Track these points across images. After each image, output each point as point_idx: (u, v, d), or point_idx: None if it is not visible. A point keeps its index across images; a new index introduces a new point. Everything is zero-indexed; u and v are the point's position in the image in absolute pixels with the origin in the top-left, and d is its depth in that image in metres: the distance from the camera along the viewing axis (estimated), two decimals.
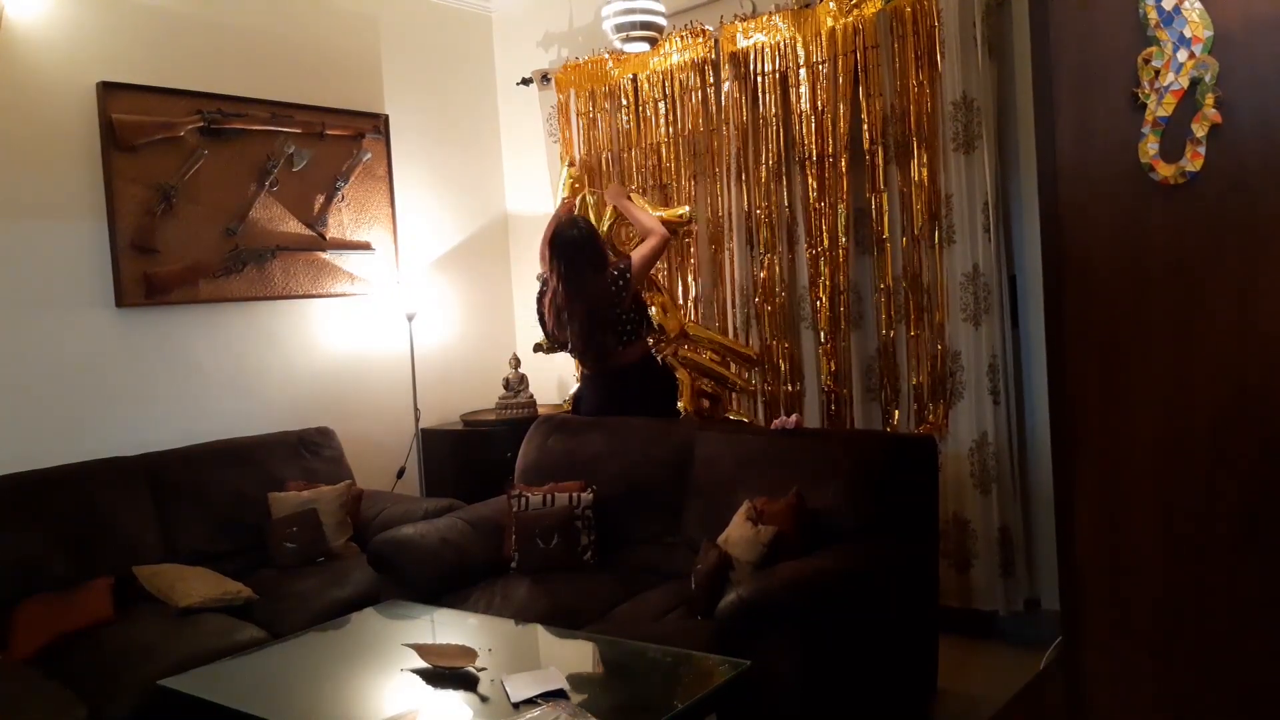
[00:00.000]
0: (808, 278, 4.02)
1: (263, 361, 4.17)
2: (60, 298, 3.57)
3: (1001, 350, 3.57)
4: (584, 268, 3.73)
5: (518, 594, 3.20)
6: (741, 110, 4.12)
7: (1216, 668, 1.93)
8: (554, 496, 3.50)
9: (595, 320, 3.74)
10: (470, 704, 2.32)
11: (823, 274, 3.97)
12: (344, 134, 4.39)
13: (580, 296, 3.73)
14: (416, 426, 4.68)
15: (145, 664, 2.74)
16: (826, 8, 3.85)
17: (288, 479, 3.83)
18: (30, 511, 3.22)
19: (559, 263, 3.76)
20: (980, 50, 3.50)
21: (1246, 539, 1.87)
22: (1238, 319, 1.85)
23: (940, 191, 3.66)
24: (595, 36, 4.55)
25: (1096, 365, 2.02)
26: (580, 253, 3.74)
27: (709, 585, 2.85)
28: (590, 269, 3.74)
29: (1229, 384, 1.87)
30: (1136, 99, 1.90)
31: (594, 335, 3.76)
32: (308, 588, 3.35)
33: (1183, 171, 1.87)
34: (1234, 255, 1.84)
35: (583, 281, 3.73)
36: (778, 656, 2.52)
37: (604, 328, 3.75)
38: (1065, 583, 2.13)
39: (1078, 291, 2.03)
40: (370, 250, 4.50)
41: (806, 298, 4.02)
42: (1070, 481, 2.08)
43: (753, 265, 4.16)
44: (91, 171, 3.63)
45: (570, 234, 3.78)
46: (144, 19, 3.80)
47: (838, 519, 3.04)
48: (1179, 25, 1.83)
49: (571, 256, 3.73)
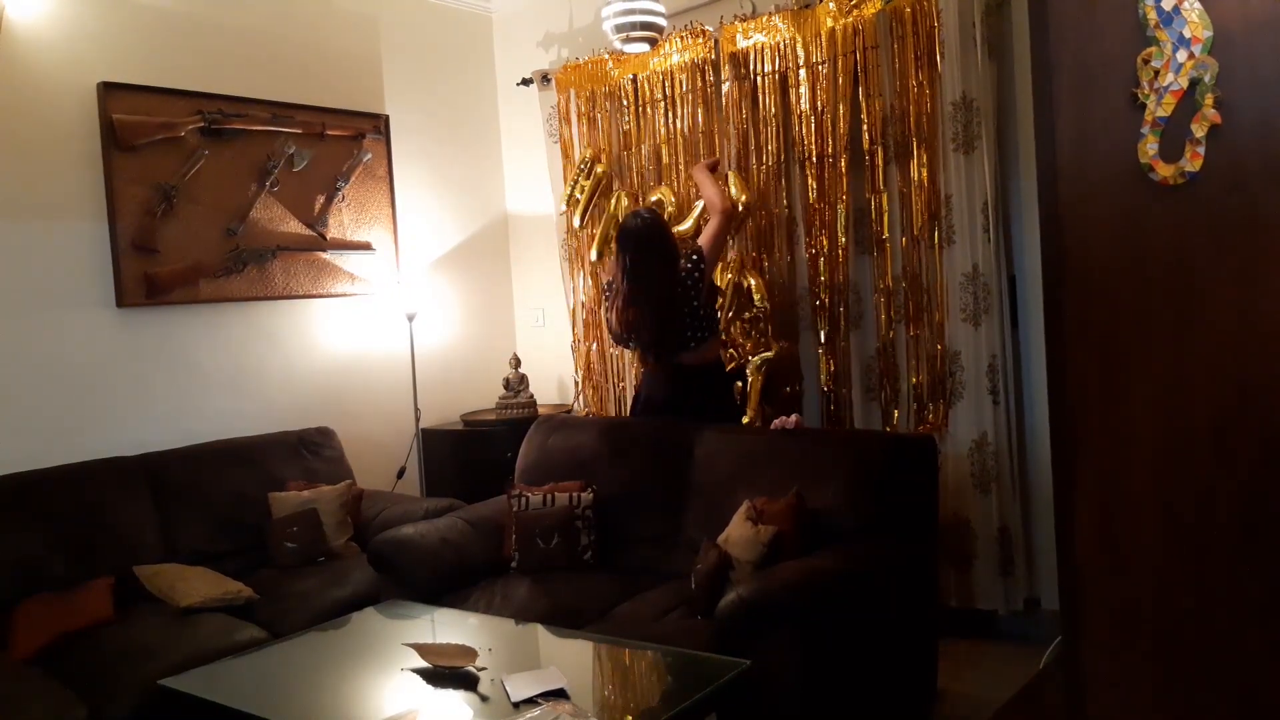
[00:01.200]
0: (807, 278, 4.02)
1: (263, 361, 4.17)
2: (60, 298, 3.58)
3: (1001, 350, 3.57)
4: (653, 260, 3.53)
5: (518, 594, 3.20)
6: (741, 110, 4.12)
7: (1216, 668, 1.93)
8: (554, 496, 3.50)
9: (667, 314, 3.53)
10: (470, 704, 2.32)
11: (822, 274, 3.97)
12: (344, 134, 4.39)
13: (650, 290, 3.51)
14: (417, 426, 4.68)
15: (145, 664, 2.74)
16: (826, 8, 3.85)
17: (288, 479, 3.83)
18: (30, 511, 3.22)
19: (624, 255, 3.56)
20: (980, 50, 3.50)
21: (1246, 539, 1.87)
22: (1237, 319, 1.85)
23: (940, 192, 3.66)
24: (595, 37, 4.55)
25: (1096, 365, 2.02)
26: (647, 243, 3.55)
27: (709, 585, 2.85)
28: (659, 260, 3.54)
29: (1229, 383, 1.87)
30: (1136, 99, 1.90)
31: (666, 331, 3.56)
32: (308, 588, 3.35)
33: (1182, 172, 1.87)
34: (1234, 255, 1.84)
35: (652, 274, 3.52)
36: (777, 656, 2.52)
37: (676, 323, 3.55)
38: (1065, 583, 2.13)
39: (1077, 291, 2.03)
40: (370, 250, 4.50)
41: (806, 298, 4.02)
42: (1070, 481, 2.08)
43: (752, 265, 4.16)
44: (92, 171, 3.63)
45: (634, 224, 3.62)
46: (144, 19, 3.81)
47: (838, 519, 3.04)
48: (1178, 25, 1.83)
49: (637, 247, 3.55)
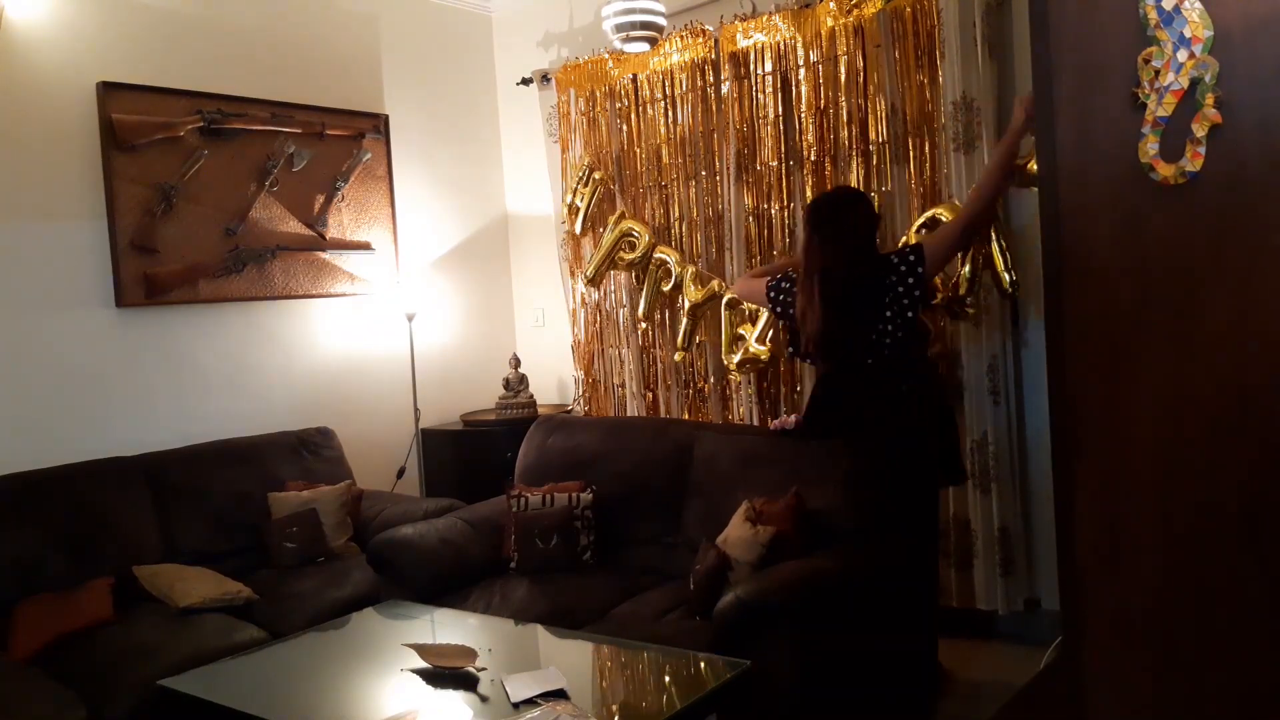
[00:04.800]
0: None
1: (263, 361, 4.17)
2: (60, 298, 3.57)
3: (1001, 350, 3.57)
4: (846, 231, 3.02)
5: (517, 594, 3.20)
6: (741, 110, 4.12)
7: (1216, 668, 1.93)
8: (553, 497, 3.50)
9: (855, 299, 2.98)
10: (470, 704, 2.32)
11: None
12: (344, 134, 4.39)
13: (840, 262, 2.99)
14: (416, 426, 4.68)
15: (145, 664, 2.74)
16: (826, 8, 3.85)
17: (288, 479, 3.83)
18: (30, 511, 3.22)
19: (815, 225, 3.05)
20: (980, 50, 3.50)
21: (1246, 539, 1.87)
22: (1238, 319, 1.84)
23: (940, 191, 3.66)
24: (595, 36, 4.55)
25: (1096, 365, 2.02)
26: (847, 209, 3.07)
27: (707, 586, 2.85)
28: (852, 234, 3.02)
29: (1229, 384, 1.86)
30: (1136, 99, 1.89)
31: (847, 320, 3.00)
32: (308, 588, 3.35)
33: (1183, 172, 1.86)
34: (1234, 255, 1.84)
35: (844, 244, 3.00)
36: (776, 657, 2.52)
37: (865, 312, 2.99)
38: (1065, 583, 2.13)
39: (1078, 291, 2.03)
40: (370, 250, 4.50)
41: None
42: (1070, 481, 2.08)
43: (752, 265, 4.15)
44: (91, 171, 3.63)
45: (832, 194, 3.27)
46: (144, 19, 3.80)
47: (837, 519, 3.04)
48: (1179, 25, 1.83)
49: (833, 215, 3.06)
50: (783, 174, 4.03)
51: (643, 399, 4.60)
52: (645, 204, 4.51)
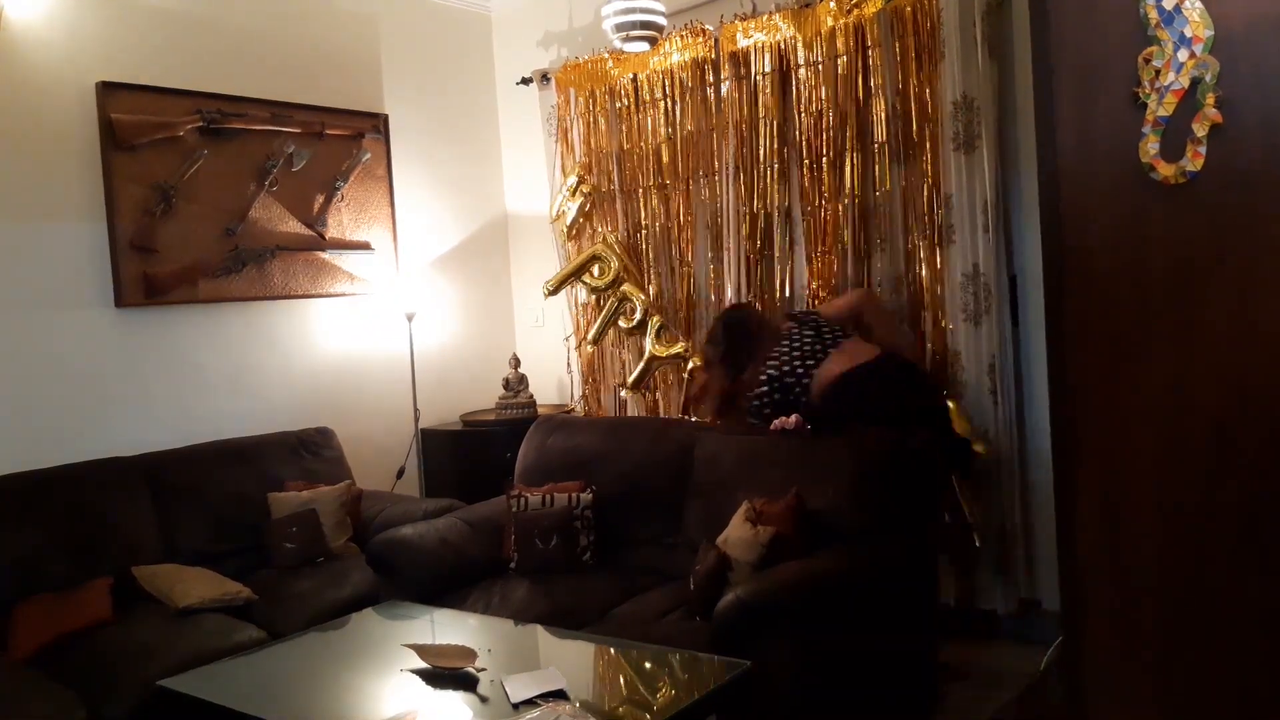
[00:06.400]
0: (807, 277, 4.01)
1: (262, 361, 4.17)
2: (60, 298, 3.57)
3: (1001, 350, 3.57)
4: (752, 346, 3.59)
5: (517, 594, 3.20)
6: (741, 110, 4.12)
7: (1216, 667, 1.93)
8: (553, 497, 3.50)
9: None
10: (470, 704, 2.32)
11: (822, 274, 3.96)
12: (344, 134, 4.38)
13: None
14: (416, 426, 4.68)
15: (145, 664, 2.74)
16: (826, 7, 3.84)
17: (287, 479, 3.82)
18: (30, 511, 3.21)
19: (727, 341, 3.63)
20: (980, 50, 3.50)
21: (1246, 539, 1.87)
22: (1238, 318, 1.85)
23: (940, 191, 3.66)
24: (595, 36, 4.55)
25: (1097, 364, 2.02)
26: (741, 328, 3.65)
27: (707, 586, 2.84)
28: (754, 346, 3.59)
29: (1229, 383, 1.86)
30: (1137, 98, 1.90)
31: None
32: (307, 588, 3.35)
33: (1183, 171, 1.87)
34: (1234, 255, 1.84)
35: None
36: (776, 657, 2.52)
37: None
38: (1065, 583, 2.13)
39: (1078, 291, 2.03)
40: (370, 250, 4.50)
41: (806, 297, 4.02)
42: (1071, 481, 2.08)
43: (752, 265, 4.15)
44: (91, 171, 3.63)
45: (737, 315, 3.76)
46: (144, 19, 3.80)
47: (837, 519, 3.04)
48: (1179, 25, 1.83)
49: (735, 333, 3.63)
50: (783, 174, 4.03)
51: (643, 399, 4.60)
52: (645, 204, 4.51)
